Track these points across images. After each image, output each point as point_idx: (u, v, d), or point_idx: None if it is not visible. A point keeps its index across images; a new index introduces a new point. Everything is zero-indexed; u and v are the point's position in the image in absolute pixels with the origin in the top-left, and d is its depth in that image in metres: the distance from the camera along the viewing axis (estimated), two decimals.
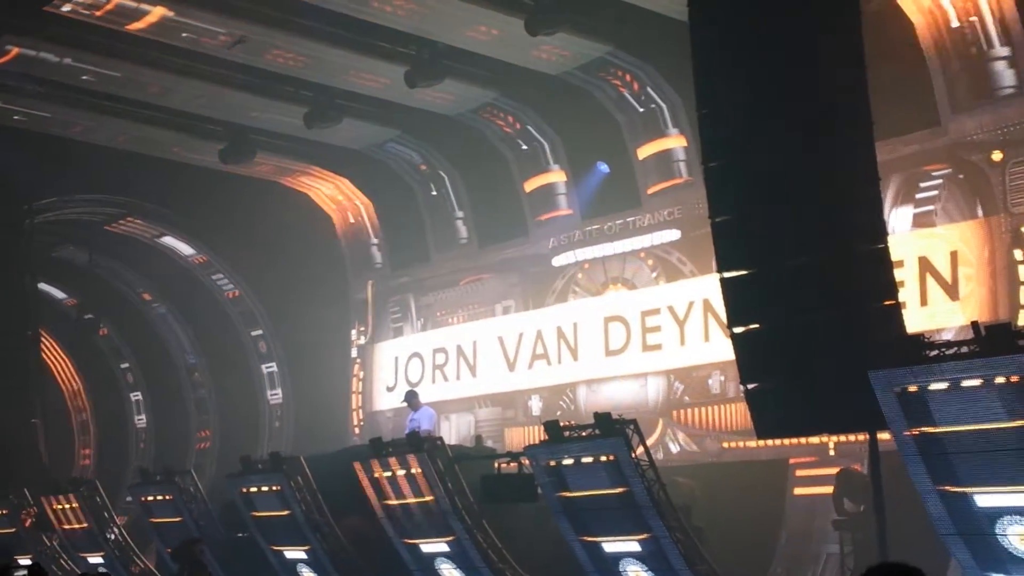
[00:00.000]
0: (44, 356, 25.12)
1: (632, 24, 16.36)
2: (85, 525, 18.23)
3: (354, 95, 18.99)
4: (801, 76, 10.00)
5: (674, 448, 17.01)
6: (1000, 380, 8.41)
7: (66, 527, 18.42)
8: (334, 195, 22.89)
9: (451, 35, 16.99)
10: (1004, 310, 13.53)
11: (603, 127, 18.77)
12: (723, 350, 14.13)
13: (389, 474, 13.46)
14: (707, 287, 15.01)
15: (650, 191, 18.37)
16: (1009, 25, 14.01)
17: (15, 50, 17.39)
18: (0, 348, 21.55)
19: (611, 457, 11.34)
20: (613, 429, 11.32)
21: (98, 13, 16.45)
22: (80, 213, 23.80)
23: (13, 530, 19.37)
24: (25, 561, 7.00)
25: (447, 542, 13.01)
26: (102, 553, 17.11)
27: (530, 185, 20.19)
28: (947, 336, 12.01)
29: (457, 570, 13.07)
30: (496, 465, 13.75)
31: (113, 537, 17.89)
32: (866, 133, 9.99)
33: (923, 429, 8.88)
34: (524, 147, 20.15)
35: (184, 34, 17.13)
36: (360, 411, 22.05)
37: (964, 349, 8.78)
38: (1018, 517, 8.58)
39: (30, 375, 22.49)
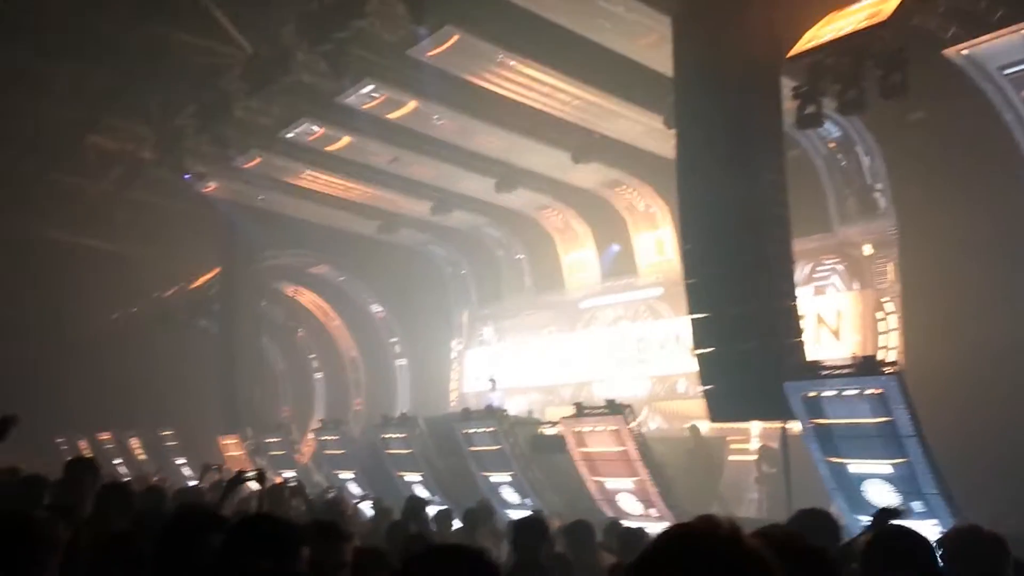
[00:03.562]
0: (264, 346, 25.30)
1: (636, 158, 16.29)
2: (283, 452, 18.28)
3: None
4: (745, 196, 9.88)
5: (653, 426, 16.67)
6: (868, 391, 8.22)
7: (271, 453, 18.47)
8: (447, 257, 22.80)
9: (525, 158, 17.03)
10: (870, 349, 13.24)
11: (616, 222, 18.67)
12: (686, 365, 13.85)
13: (474, 431, 13.36)
14: (678, 325, 14.84)
15: (644, 264, 18.20)
16: (879, 171, 13.83)
17: (258, 158, 17.56)
18: (240, 342, 21.78)
19: (615, 427, 11.19)
20: (616, 409, 11.18)
21: (310, 138, 16.65)
22: (290, 260, 23.96)
23: (240, 453, 19.47)
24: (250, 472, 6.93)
25: (509, 475, 12.87)
26: (294, 470, 17.12)
27: (569, 256, 20.04)
28: None
29: (515, 493, 12.92)
30: (541, 430, 13.64)
31: (302, 460, 17.96)
32: (786, 233, 9.87)
33: (818, 421, 8.69)
34: (567, 232, 20.02)
35: (369, 153, 17.26)
36: (456, 391, 21.89)
37: (846, 371, 8.60)
38: (876, 479, 8.35)
39: (254, 358, 22.67)
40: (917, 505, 7.94)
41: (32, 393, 20.78)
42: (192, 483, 13.43)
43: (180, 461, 20.66)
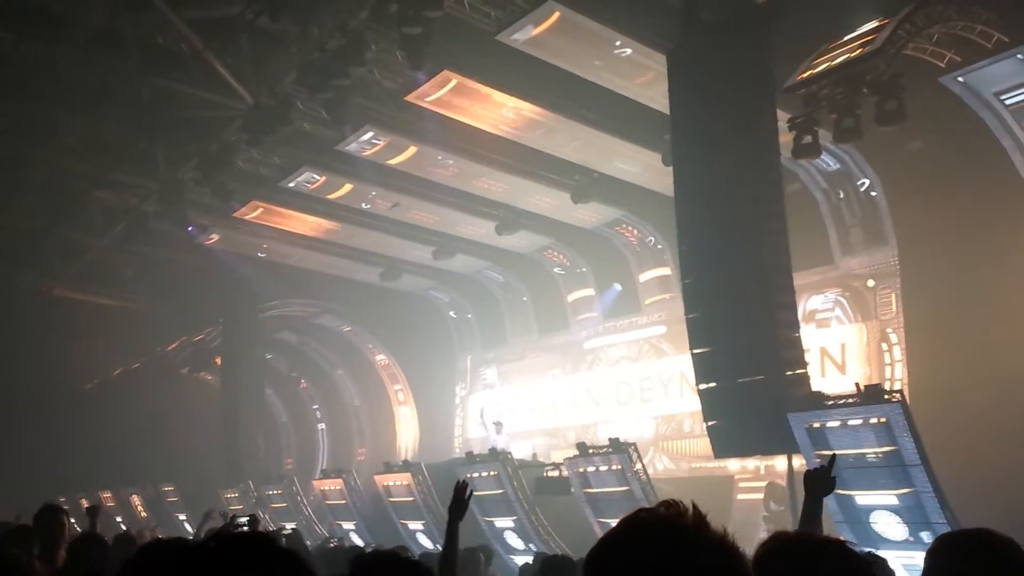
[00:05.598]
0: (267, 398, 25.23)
1: (636, 196, 16.37)
2: (285, 504, 18.07)
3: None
4: (745, 228, 9.93)
5: (660, 466, 16.50)
6: (873, 420, 8.14)
7: (273, 505, 18.27)
8: (449, 302, 22.81)
9: (525, 200, 17.13)
10: (876, 380, 13.08)
11: (617, 261, 18.69)
12: (691, 404, 13.72)
13: (478, 475, 13.21)
14: (682, 363, 14.72)
15: (647, 302, 18.16)
16: (879, 202, 13.88)
17: (260, 209, 17.68)
18: (243, 394, 21.71)
19: (619, 467, 11.07)
20: (621, 448, 11.07)
21: (312, 187, 16.76)
22: (293, 310, 23.99)
23: (242, 507, 19.23)
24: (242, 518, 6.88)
25: (512, 520, 12.71)
26: (295, 522, 16.89)
27: (572, 297, 20.01)
28: None
29: (519, 539, 12.74)
30: (545, 472, 13.50)
31: (305, 511, 17.77)
32: (786, 264, 9.87)
33: (823, 452, 8.56)
34: (568, 272, 20.02)
35: (363, 203, 17.43)
36: (460, 437, 21.71)
37: (850, 400, 8.52)
38: (883, 511, 8.22)
39: (257, 410, 22.56)
40: (925, 535, 7.79)
41: (34, 450, 20.73)
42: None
43: (182, 516, 20.45)
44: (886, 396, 8.20)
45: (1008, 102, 11.01)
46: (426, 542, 14.00)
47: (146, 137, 15.31)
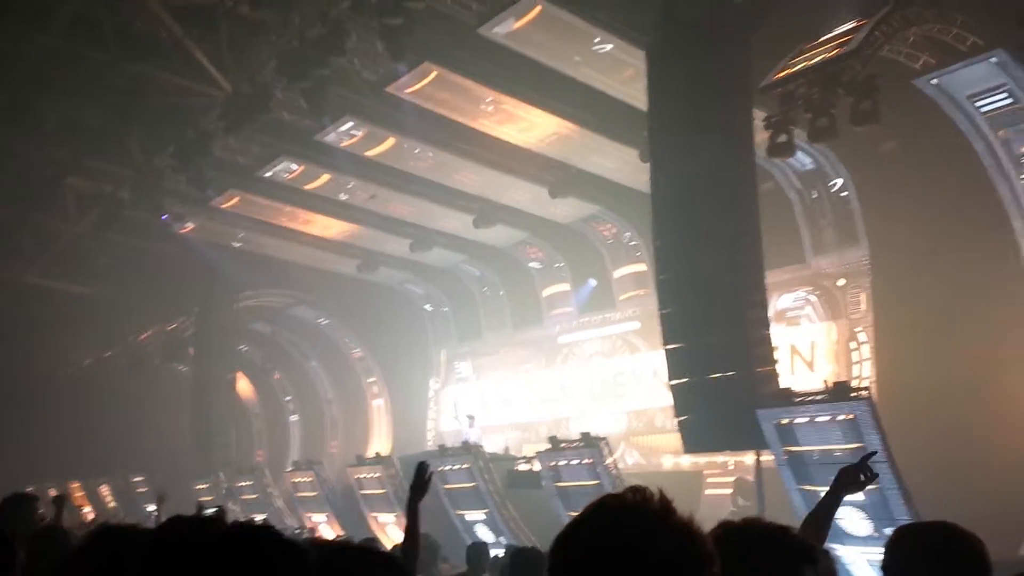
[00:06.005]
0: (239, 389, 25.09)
1: (612, 192, 16.41)
2: (256, 496, 17.99)
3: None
4: (719, 226, 9.96)
5: (630, 460, 16.56)
6: (840, 417, 8.22)
7: (244, 497, 18.17)
8: (425, 295, 22.75)
9: (502, 194, 17.11)
10: (843, 379, 13.16)
11: (593, 257, 18.71)
12: (663, 400, 13.73)
13: (450, 468, 13.21)
14: (655, 359, 14.77)
15: (621, 298, 18.21)
16: (851, 202, 13.99)
17: (236, 198, 17.50)
18: (215, 384, 21.52)
19: (590, 461, 11.10)
20: (592, 442, 11.10)
21: (289, 177, 16.63)
22: (269, 301, 23.82)
23: (212, 498, 19.10)
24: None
25: (484, 513, 12.71)
26: (265, 513, 16.80)
27: (546, 292, 20.04)
28: None
29: (490, 532, 12.73)
30: (516, 465, 13.51)
31: (275, 503, 17.68)
32: (759, 262, 9.92)
33: (791, 448, 8.65)
34: (544, 267, 20.02)
35: (341, 194, 17.32)
36: (433, 430, 21.67)
37: (818, 397, 8.59)
38: (849, 507, 8.29)
39: (230, 400, 22.39)
40: (889, 532, 7.85)
41: (2, 439, 20.41)
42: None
43: (150, 508, 20.23)
44: (853, 394, 8.28)
45: (983, 109, 11.11)
46: (397, 535, 13.94)
47: (122, 124, 15.11)
